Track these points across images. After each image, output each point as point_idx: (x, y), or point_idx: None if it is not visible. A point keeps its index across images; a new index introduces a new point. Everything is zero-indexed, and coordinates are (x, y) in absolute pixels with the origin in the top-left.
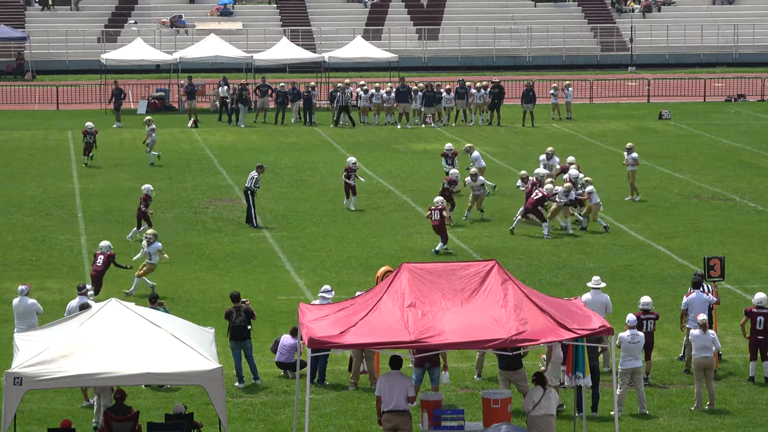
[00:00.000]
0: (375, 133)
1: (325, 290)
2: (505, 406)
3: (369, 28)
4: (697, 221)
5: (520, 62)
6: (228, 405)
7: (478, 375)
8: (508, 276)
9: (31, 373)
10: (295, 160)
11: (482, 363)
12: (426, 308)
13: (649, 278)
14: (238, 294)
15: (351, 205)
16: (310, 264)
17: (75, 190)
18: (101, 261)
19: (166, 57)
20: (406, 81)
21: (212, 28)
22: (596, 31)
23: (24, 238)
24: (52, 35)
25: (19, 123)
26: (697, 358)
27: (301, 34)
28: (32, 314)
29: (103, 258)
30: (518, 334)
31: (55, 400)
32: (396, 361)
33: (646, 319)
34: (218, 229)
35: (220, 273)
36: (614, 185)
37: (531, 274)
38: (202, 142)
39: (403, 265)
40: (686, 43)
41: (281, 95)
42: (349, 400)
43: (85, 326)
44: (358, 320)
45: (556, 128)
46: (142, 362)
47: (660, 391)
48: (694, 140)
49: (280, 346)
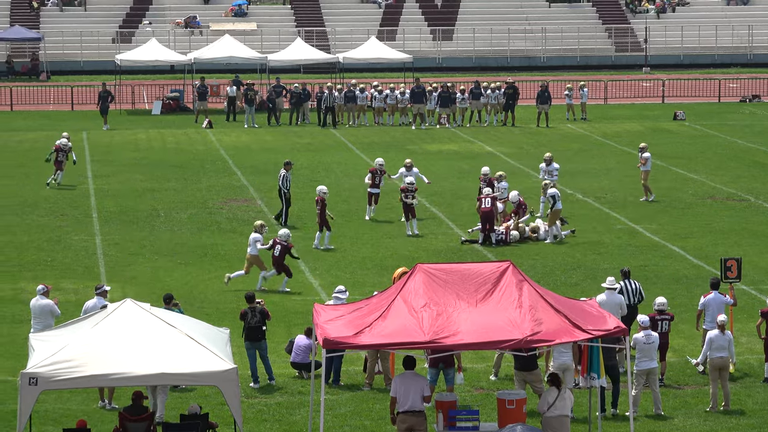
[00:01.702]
0: (389, 134)
1: (339, 291)
2: (520, 406)
3: (383, 29)
4: (712, 222)
5: (535, 63)
6: (243, 405)
7: (495, 375)
8: (523, 276)
9: (46, 373)
10: (309, 160)
11: (500, 363)
12: (441, 309)
13: (664, 279)
14: (252, 294)
15: (413, 228)
16: (324, 264)
17: (90, 190)
18: (278, 251)
19: (180, 58)
20: (421, 81)
21: (227, 29)
22: (611, 31)
23: (39, 238)
24: (66, 36)
25: (34, 124)
26: (712, 358)
27: (316, 34)
28: (48, 315)
29: (280, 248)
30: (533, 334)
31: (70, 400)
32: (409, 362)
33: (662, 320)
34: (233, 229)
35: None
36: (629, 186)
37: (545, 274)
38: (217, 142)
39: (417, 265)
40: (701, 43)
41: (295, 96)
42: (364, 400)
43: (100, 326)
44: (372, 321)
45: (571, 129)
46: (157, 362)
47: (675, 392)
48: (709, 141)
49: (295, 347)
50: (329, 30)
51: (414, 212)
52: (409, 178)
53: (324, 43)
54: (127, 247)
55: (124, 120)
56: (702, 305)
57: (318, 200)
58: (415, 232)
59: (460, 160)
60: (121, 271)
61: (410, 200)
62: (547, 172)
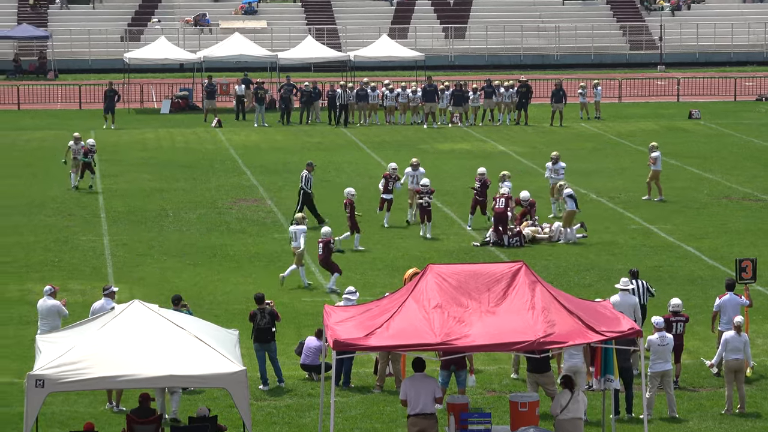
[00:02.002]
0: (401, 133)
1: (349, 291)
2: (532, 409)
3: (395, 27)
4: (728, 222)
5: (548, 61)
6: (252, 408)
7: (516, 373)
8: (536, 277)
9: (53, 375)
10: (320, 160)
11: (518, 362)
12: (452, 310)
13: (678, 280)
14: (262, 296)
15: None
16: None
17: (97, 190)
18: (321, 249)
19: (189, 56)
20: (433, 80)
21: (236, 27)
22: (625, 29)
23: (46, 239)
24: (74, 34)
25: (42, 123)
26: (728, 360)
27: (326, 32)
28: (55, 316)
29: (322, 245)
30: (546, 336)
31: (77, 402)
32: (419, 364)
33: (676, 322)
34: (242, 230)
35: (244, 274)
36: (643, 186)
37: (559, 275)
38: (226, 142)
39: (429, 266)
40: (716, 41)
41: (306, 94)
42: (374, 403)
43: (107, 328)
44: (383, 322)
45: (585, 128)
46: (166, 364)
47: (690, 394)
48: (725, 140)
49: (305, 348)
50: (340, 28)
51: (430, 215)
52: (424, 180)
53: (335, 41)
54: (135, 247)
55: (133, 119)
56: (717, 306)
57: (347, 203)
58: (428, 236)
59: (472, 160)
60: (129, 272)
61: (423, 201)
62: (554, 171)
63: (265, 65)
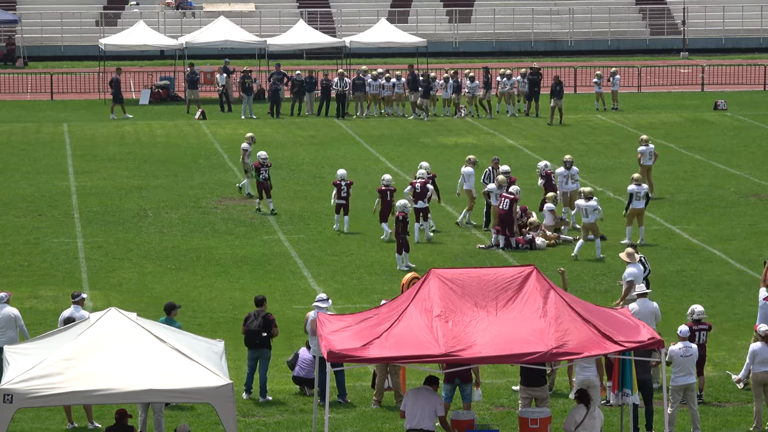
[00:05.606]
0: (401, 126)
1: (320, 299)
2: (544, 426)
3: (394, 10)
4: (757, 222)
5: (561, 47)
6: (239, 425)
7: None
8: (548, 283)
9: (22, 389)
10: (313, 155)
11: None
12: (457, 318)
13: (703, 285)
14: (262, 298)
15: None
16: (329, 269)
17: (71, 188)
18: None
19: (170, 42)
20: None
21: (222, 10)
22: (645, 12)
23: (15, 241)
24: (45, 18)
25: (10, 114)
26: (755, 373)
27: (320, 16)
28: (11, 325)
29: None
30: (559, 347)
31: (49, 419)
32: (431, 380)
33: (699, 330)
34: (229, 231)
35: (230, 279)
36: (665, 183)
37: (573, 280)
38: (211, 135)
39: (431, 271)
40: (744, 25)
41: (297, 84)
42: (372, 419)
43: (81, 338)
44: (382, 332)
45: (601, 120)
46: (145, 378)
47: (715, 410)
48: (753, 133)
49: (300, 360)
50: (335, 11)
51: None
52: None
53: (329, 26)
54: (111, 250)
55: (108, 110)
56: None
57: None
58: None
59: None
60: (105, 276)
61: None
62: (569, 177)
63: (253, 52)
